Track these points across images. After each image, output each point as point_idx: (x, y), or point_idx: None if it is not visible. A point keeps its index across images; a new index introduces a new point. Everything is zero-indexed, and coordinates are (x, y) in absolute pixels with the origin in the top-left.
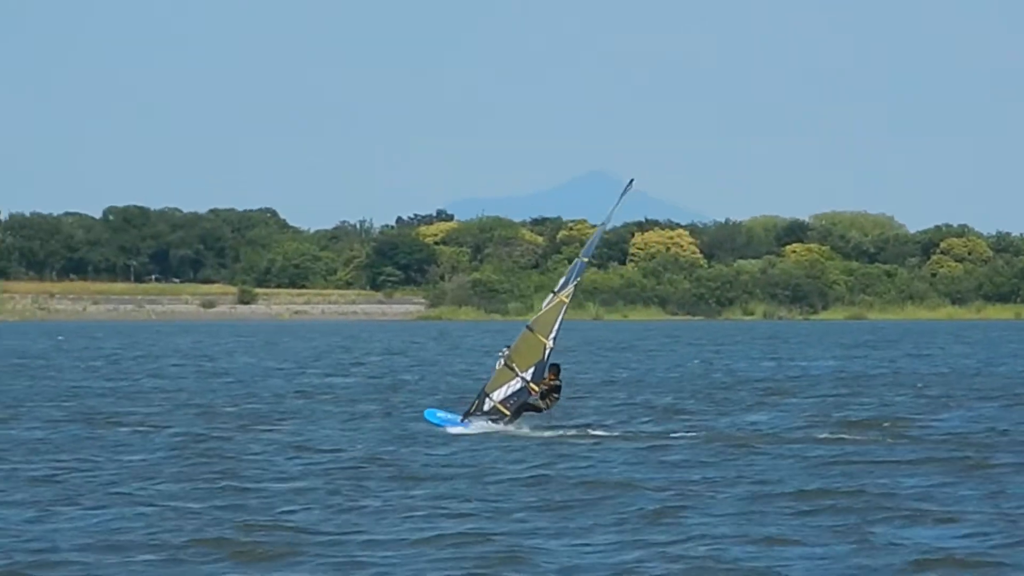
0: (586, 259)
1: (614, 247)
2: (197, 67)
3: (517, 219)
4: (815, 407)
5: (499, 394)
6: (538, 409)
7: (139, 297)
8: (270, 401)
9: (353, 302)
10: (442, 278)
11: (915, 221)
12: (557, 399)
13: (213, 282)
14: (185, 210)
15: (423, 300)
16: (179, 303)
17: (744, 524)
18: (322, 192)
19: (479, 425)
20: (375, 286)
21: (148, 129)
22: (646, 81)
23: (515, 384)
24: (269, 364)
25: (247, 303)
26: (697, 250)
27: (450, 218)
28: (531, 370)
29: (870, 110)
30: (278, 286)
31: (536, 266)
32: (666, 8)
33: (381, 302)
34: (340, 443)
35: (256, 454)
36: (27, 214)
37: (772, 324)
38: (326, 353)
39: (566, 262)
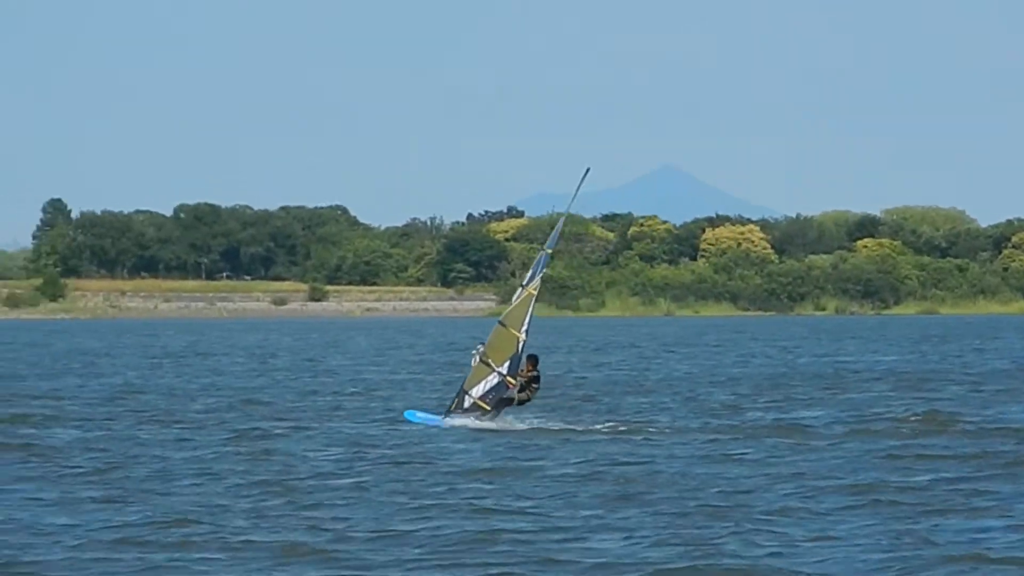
0: (549, 251)
1: (685, 243)
2: (268, 63)
3: (588, 215)
4: (872, 402)
5: (478, 390)
6: (518, 402)
7: (210, 295)
8: (330, 397)
9: (424, 299)
10: (513, 274)
11: (987, 215)
12: (537, 389)
13: (284, 279)
14: (256, 207)
15: (494, 296)
16: (250, 301)
17: (795, 520)
18: (393, 189)
19: (461, 423)
20: (446, 283)
21: (219, 127)
22: (717, 76)
23: (492, 379)
24: (334, 361)
25: (318, 300)
26: (768, 245)
27: (520, 214)
28: (506, 364)
29: (941, 103)
30: (349, 283)
31: (607, 262)
32: (737, 2)
33: (452, 299)
34: (394, 440)
35: (311, 451)
36: (98, 212)
37: (843, 319)
38: (391, 350)
39: (637, 258)
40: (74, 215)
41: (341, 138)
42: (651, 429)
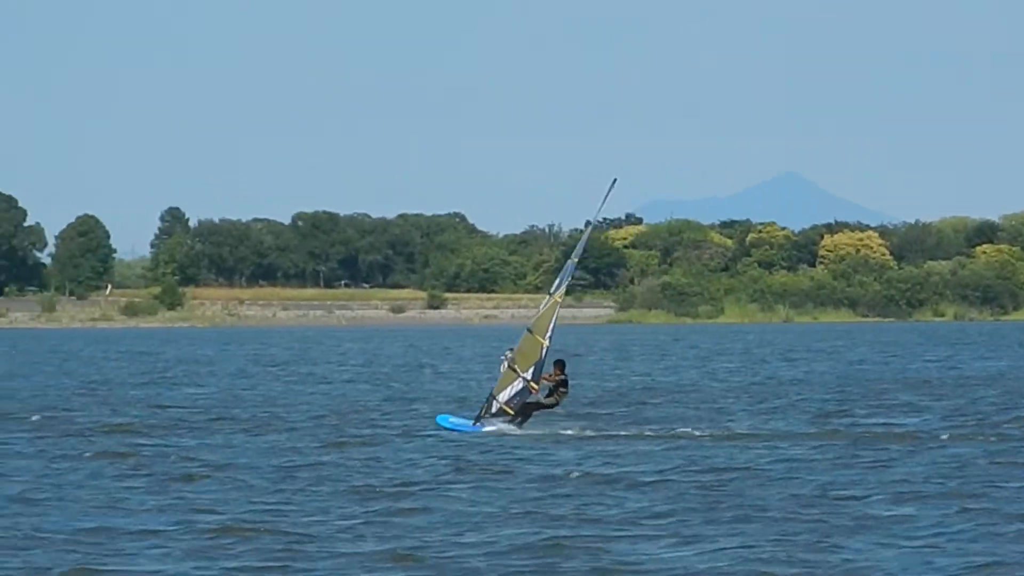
0: (575, 259)
1: (803, 249)
2: (382, 69)
3: (706, 222)
4: (979, 407)
5: (504, 395)
6: (547, 407)
7: (328, 303)
8: (435, 405)
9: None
10: (632, 281)
11: None
12: (565, 393)
13: (402, 287)
14: (374, 215)
15: (613, 304)
16: (368, 308)
17: (898, 525)
18: (511, 196)
19: (491, 428)
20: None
21: (337, 135)
22: (836, 82)
23: (518, 385)
24: (444, 368)
25: (436, 308)
26: (887, 251)
27: (639, 221)
28: (531, 370)
29: None
30: (467, 291)
31: (726, 269)
32: (860, 6)
33: (571, 306)
34: (494, 447)
35: (410, 459)
36: (216, 220)
37: (961, 325)
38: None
39: (756, 265)
40: (192, 223)
41: (459, 145)
42: (754, 434)
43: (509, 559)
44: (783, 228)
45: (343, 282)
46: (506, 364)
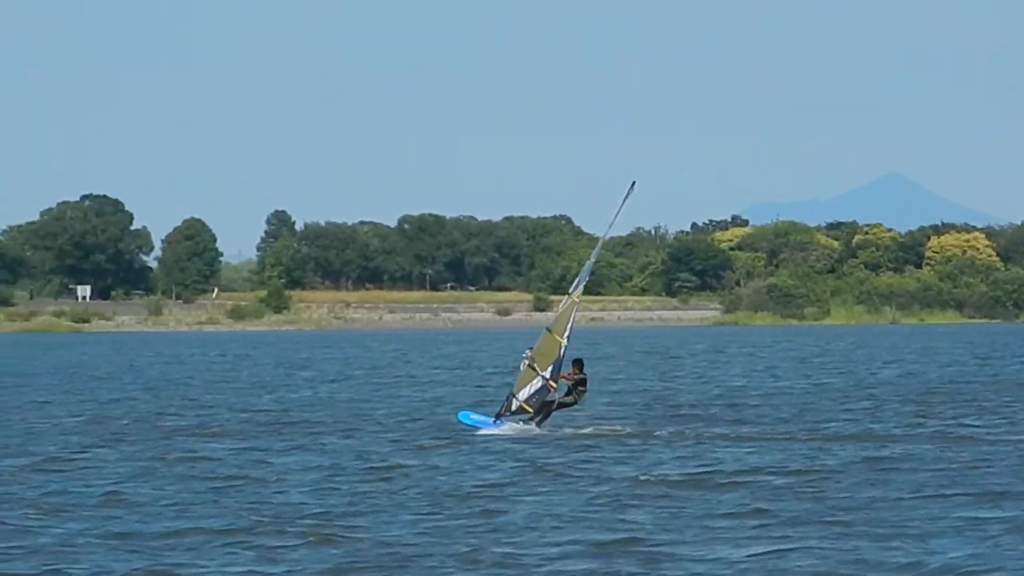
0: (593, 260)
1: (910, 251)
2: (492, 74)
3: (812, 223)
4: None
5: (524, 393)
6: (567, 405)
7: (434, 305)
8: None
9: (649, 308)
10: (738, 283)
11: None
12: (584, 392)
13: (508, 289)
14: (480, 218)
15: (719, 306)
16: (474, 311)
17: (980, 530)
18: (616, 199)
19: (510, 426)
20: (670, 292)
21: (442, 138)
22: (941, 82)
23: (537, 383)
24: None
25: (542, 311)
26: (994, 253)
27: (745, 223)
28: (550, 368)
29: None
30: None
31: (832, 271)
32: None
33: (676, 308)
34: (568, 452)
35: (483, 463)
36: (322, 224)
37: None
38: (597, 359)
39: (862, 267)
40: (298, 227)
41: (564, 147)
42: (847, 435)
43: (594, 561)
44: (889, 230)
45: (449, 284)
46: (526, 363)
